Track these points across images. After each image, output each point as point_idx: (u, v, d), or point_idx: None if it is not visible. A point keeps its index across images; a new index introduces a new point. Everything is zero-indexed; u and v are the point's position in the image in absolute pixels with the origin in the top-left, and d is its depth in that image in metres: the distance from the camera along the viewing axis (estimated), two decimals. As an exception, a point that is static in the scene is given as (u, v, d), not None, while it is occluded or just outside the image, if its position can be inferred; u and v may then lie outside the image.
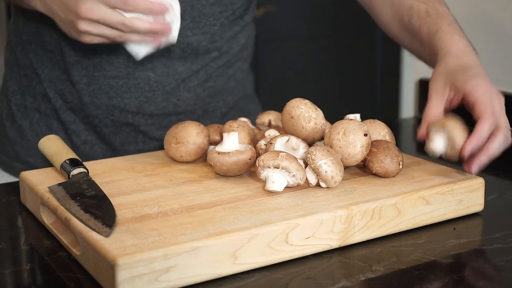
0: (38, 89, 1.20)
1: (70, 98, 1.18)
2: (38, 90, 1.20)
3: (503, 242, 0.84)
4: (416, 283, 0.74)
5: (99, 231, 0.75)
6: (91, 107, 1.18)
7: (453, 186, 0.89)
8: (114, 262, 0.68)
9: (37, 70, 1.19)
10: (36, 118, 1.21)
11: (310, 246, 0.79)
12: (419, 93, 1.56)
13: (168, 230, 0.75)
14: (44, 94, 1.20)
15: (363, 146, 0.89)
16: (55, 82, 1.19)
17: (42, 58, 1.19)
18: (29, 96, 1.21)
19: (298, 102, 0.94)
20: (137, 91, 1.17)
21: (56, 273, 0.77)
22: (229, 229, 0.75)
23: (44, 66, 1.19)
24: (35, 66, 1.20)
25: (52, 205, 0.85)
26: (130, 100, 1.17)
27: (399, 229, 0.86)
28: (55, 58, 1.18)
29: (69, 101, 1.19)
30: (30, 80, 1.21)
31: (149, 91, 1.17)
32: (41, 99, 1.20)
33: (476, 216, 0.92)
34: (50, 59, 1.18)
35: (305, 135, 0.94)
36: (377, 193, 0.86)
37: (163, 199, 0.85)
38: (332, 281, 0.74)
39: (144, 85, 1.17)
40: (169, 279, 0.71)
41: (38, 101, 1.21)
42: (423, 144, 0.94)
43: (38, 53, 1.19)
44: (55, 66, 1.18)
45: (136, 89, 1.17)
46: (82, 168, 0.92)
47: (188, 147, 0.99)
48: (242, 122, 1.01)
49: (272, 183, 0.86)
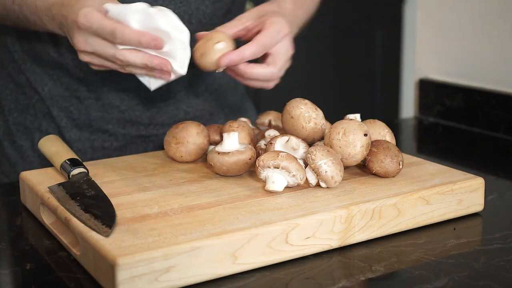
0: (39, 108, 1.15)
1: (77, 115, 1.14)
2: (39, 108, 1.15)
3: (503, 242, 0.84)
4: (416, 283, 0.74)
5: (99, 231, 0.75)
6: (101, 122, 1.14)
7: (453, 186, 0.89)
8: (114, 262, 0.68)
9: (37, 89, 1.15)
10: (37, 137, 1.15)
11: (310, 246, 0.79)
12: (419, 93, 1.56)
13: (168, 230, 0.75)
14: (46, 112, 1.15)
15: (363, 146, 0.89)
16: (58, 100, 1.14)
17: (41, 76, 1.14)
18: (29, 115, 1.16)
19: (298, 102, 0.94)
20: (148, 102, 1.15)
21: (56, 273, 0.77)
22: (229, 229, 0.75)
23: (44, 84, 1.14)
24: (33, 84, 1.15)
25: (52, 205, 0.85)
26: (142, 112, 1.15)
27: (399, 229, 0.86)
28: (56, 75, 1.14)
29: (75, 118, 1.14)
30: (29, 98, 1.16)
31: (160, 100, 1.16)
32: (43, 118, 1.15)
33: (476, 216, 0.92)
34: (51, 77, 1.14)
35: (305, 135, 0.94)
36: (377, 193, 0.86)
37: (163, 199, 0.85)
38: (332, 281, 0.74)
39: (155, 95, 1.15)
40: (169, 279, 0.71)
41: (39, 120, 1.16)
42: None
43: (35, 71, 1.15)
44: (56, 83, 1.14)
45: (148, 100, 1.15)
46: (82, 168, 0.92)
47: (188, 147, 0.99)
48: (242, 122, 1.01)
49: (272, 183, 0.86)
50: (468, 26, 1.48)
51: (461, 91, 1.45)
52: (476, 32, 1.46)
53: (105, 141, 1.16)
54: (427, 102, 1.53)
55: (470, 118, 1.43)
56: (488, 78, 1.43)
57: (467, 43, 1.48)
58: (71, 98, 1.14)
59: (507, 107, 1.36)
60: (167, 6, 1.01)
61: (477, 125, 1.41)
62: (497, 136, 1.36)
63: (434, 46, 1.56)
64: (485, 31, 1.43)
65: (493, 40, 1.42)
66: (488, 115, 1.39)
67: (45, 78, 1.14)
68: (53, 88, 1.14)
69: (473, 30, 1.46)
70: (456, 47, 1.51)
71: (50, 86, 1.14)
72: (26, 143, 1.17)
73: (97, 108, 1.14)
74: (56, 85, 1.14)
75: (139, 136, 1.17)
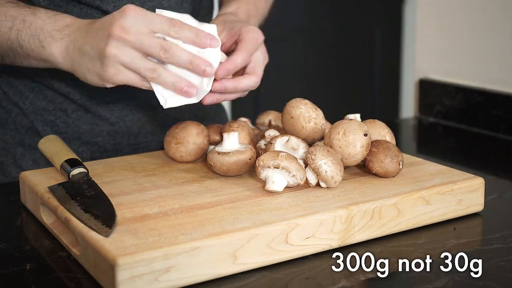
0: (20, 122, 1.10)
1: (64, 129, 1.10)
2: (20, 122, 1.10)
3: (503, 242, 0.84)
4: (416, 283, 0.74)
5: (99, 231, 0.75)
6: (91, 135, 1.11)
7: (453, 186, 0.89)
8: (114, 262, 0.68)
9: (18, 103, 1.10)
10: (19, 152, 1.11)
11: (310, 246, 0.79)
12: (419, 93, 1.56)
13: (168, 230, 0.75)
14: (28, 127, 1.10)
15: (363, 146, 0.89)
16: (42, 113, 1.10)
17: (20, 89, 1.10)
18: (9, 129, 1.11)
19: (298, 102, 0.94)
20: (138, 111, 1.13)
21: (56, 273, 0.77)
22: (229, 229, 0.75)
23: (24, 98, 1.09)
24: (12, 98, 1.10)
25: (52, 205, 0.85)
26: (133, 122, 1.13)
27: (399, 229, 0.86)
28: (38, 88, 1.09)
29: (62, 132, 1.10)
30: (8, 112, 1.11)
31: (149, 109, 1.14)
32: (25, 132, 1.10)
33: (476, 216, 0.92)
34: (32, 89, 1.09)
35: (305, 135, 0.94)
36: (377, 193, 0.86)
37: (163, 199, 0.85)
38: (332, 281, 0.74)
39: (145, 105, 1.13)
40: (169, 279, 0.71)
41: (21, 134, 1.11)
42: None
43: (14, 84, 1.10)
44: (38, 96, 1.09)
45: (138, 110, 1.13)
46: (82, 168, 0.92)
47: (188, 147, 0.99)
48: (242, 122, 1.01)
49: (272, 183, 0.86)
50: (468, 26, 1.48)
51: (461, 91, 1.45)
52: (476, 32, 1.45)
53: (94, 153, 1.13)
54: (427, 102, 1.53)
55: (470, 118, 1.43)
56: (488, 78, 1.43)
57: (467, 43, 1.48)
58: (56, 111, 1.10)
59: (507, 107, 1.35)
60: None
61: (477, 125, 1.41)
62: (497, 136, 1.36)
63: (434, 46, 1.56)
64: (485, 31, 1.43)
65: (493, 40, 1.42)
66: (488, 115, 1.39)
67: (25, 91, 1.10)
68: (36, 101, 1.10)
69: (473, 30, 1.46)
70: (456, 47, 1.51)
71: (31, 99, 1.10)
72: (7, 158, 1.12)
73: (86, 120, 1.11)
74: (38, 98, 1.10)
75: (128, 145, 1.15)
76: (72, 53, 0.89)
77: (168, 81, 0.87)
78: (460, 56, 1.50)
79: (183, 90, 0.87)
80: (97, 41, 0.86)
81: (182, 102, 0.89)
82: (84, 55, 0.88)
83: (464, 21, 1.49)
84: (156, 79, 0.87)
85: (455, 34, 1.50)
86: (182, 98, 0.89)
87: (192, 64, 0.87)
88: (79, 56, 0.88)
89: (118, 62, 0.85)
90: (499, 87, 1.40)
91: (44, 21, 0.92)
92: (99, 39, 0.86)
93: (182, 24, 0.86)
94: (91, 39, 0.87)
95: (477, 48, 1.46)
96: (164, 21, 0.86)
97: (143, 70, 0.86)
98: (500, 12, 1.40)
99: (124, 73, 0.86)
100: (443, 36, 1.54)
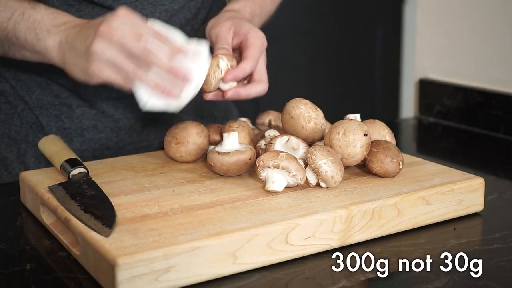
0: (26, 117, 1.11)
1: (68, 124, 1.11)
2: (25, 118, 1.11)
3: (503, 242, 0.84)
4: (416, 283, 0.74)
5: (99, 231, 0.75)
6: (94, 131, 1.12)
7: (453, 186, 0.89)
8: (114, 262, 0.68)
9: (25, 97, 1.11)
10: (23, 148, 1.11)
11: (310, 246, 0.79)
12: (419, 93, 1.56)
13: (168, 230, 0.75)
14: (33, 122, 1.11)
15: (363, 146, 0.89)
16: (47, 108, 1.10)
17: (27, 83, 1.10)
18: (14, 125, 1.11)
19: (298, 102, 0.94)
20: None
21: (56, 273, 0.77)
22: (229, 229, 0.75)
23: (31, 92, 1.10)
24: (19, 92, 1.11)
25: (52, 205, 0.85)
26: (137, 120, 1.13)
27: (399, 229, 0.86)
28: (45, 82, 1.10)
29: (66, 128, 1.11)
30: (14, 107, 1.11)
31: None
32: (29, 128, 1.11)
33: (476, 216, 0.92)
34: (38, 84, 1.10)
35: (305, 135, 0.94)
36: (377, 193, 0.86)
37: (163, 199, 0.85)
38: (332, 281, 0.74)
39: None
40: (169, 279, 0.71)
41: (26, 130, 1.11)
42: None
43: (21, 79, 1.11)
44: (45, 91, 1.10)
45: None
46: (82, 168, 0.92)
47: (188, 147, 0.99)
48: (242, 122, 1.01)
49: (272, 183, 0.86)
50: (468, 26, 1.48)
51: (461, 91, 1.45)
52: (476, 32, 1.45)
53: (95, 150, 1.13)
54: (427, 102, 1.53)
55: (470, 118, 1.43)
56: (488, 78, 1.43)
57: (467, 43, 1.48)
58: (61, 106, 1.11)
59: (507, 107, 1.35)
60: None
61: (477, 125, 1.41)
62: (497, 136, 1.36)
63: (434, 46, 1.56)
64: (485, 31, 1.43)
65: (493, 40, 1.42)
66: (488, 115, 1.39)
67: (31, 85, 1.11)
68: (42, 96, 1.11)
69: (473, 30, 1.46)
70: (456, 47, 1.51)
71: (38, 94, 1.11)
72: (11, 154, 1.12)
73: (90, 116, 1.11)
74: (44, 92, 1.11)
75: (131, 143, 1.15)
76: (64, 47, 0.91)
77: (151, 79, 0.86)
78: (460, 56, 1.50)
79: (166, 90, 0.86)
80: (86, 38, 0.87)
81: (162, 107, 0.88)
82: (74, 50, 0.89)
83: (464, 21, 1.49)
84: (139, 77, 0.86)
85: (455, 34, 1.50)
86: (163, 102, 0.87)
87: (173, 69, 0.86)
88: (69, 51, 0.90)
89: (102, 59, 0.85)
90: (499, 87, 1.40)
91: (43, 16, 0.93)
92: (87, 36, 0.87)
93: (165, 40, 0.85)
94: (81, 35, 0.88)
95: (477, 48, 1.46)
96: (150, 32, 0.85)
97: (126, 67, 0.85)
98: (500, 12, 1.40)
99: (107, 70, 0.86)
100: (443, 36, 1.54)
